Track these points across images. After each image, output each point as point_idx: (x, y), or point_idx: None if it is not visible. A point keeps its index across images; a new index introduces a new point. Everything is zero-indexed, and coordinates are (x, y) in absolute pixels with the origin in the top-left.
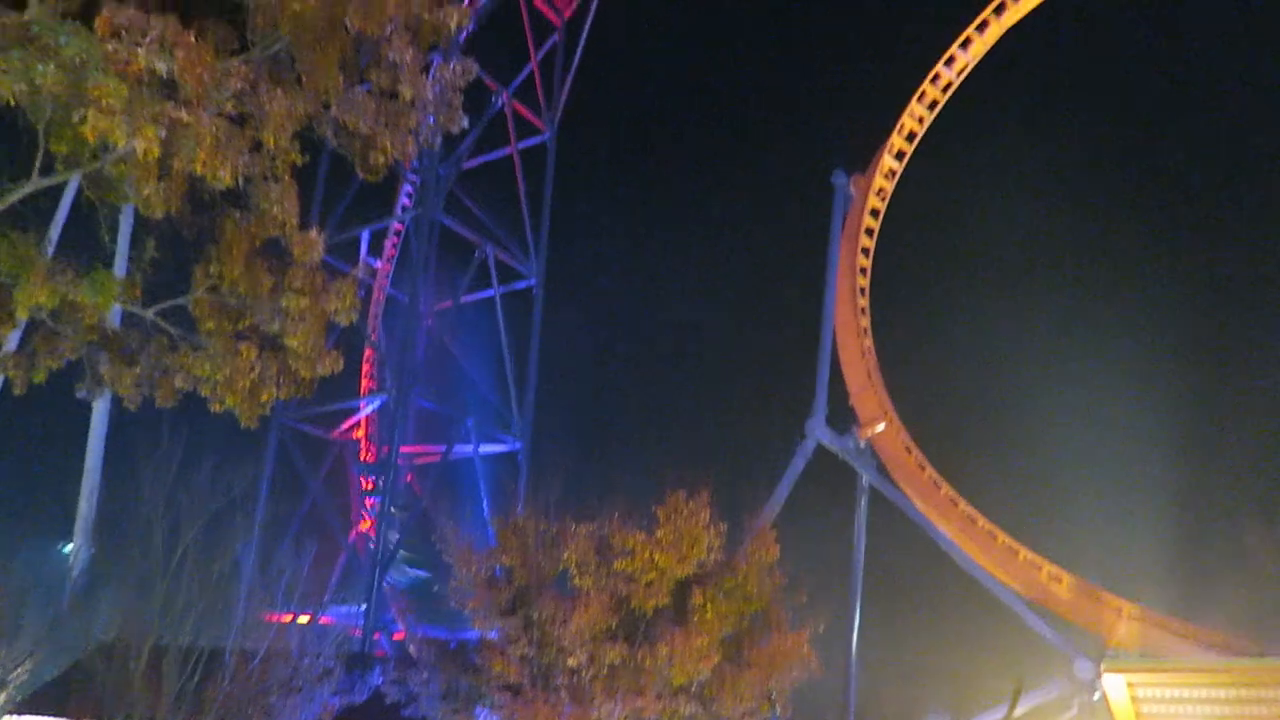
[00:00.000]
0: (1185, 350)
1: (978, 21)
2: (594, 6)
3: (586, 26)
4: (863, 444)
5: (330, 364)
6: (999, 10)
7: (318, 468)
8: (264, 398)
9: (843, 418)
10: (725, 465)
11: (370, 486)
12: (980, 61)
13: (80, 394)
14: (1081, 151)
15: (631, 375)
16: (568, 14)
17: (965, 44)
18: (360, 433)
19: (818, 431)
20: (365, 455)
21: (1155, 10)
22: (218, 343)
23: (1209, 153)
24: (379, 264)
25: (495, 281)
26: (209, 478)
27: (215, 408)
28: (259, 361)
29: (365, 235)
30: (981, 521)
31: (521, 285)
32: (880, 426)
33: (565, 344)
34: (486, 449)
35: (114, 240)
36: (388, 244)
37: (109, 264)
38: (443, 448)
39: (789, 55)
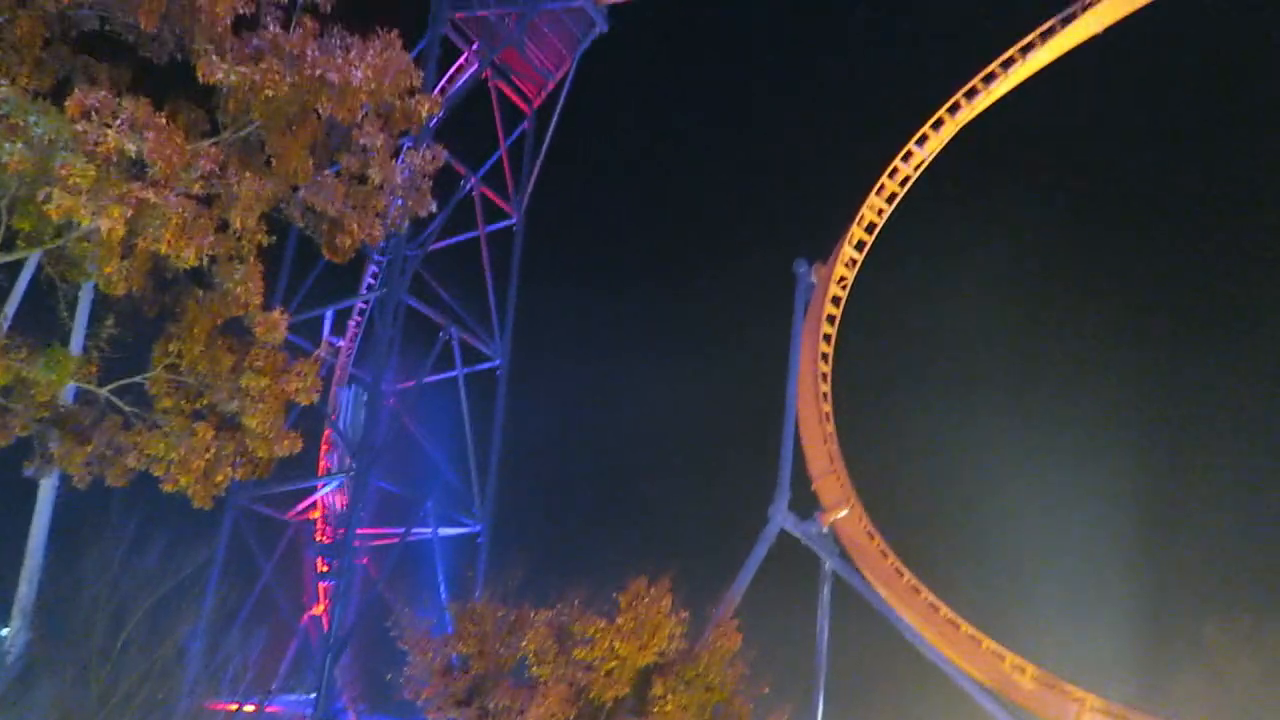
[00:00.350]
0: (1144, 443)
1: (934, 119)
2: (563, 96)
3: (556, 115)
4: (825, 530)
5: (289, 445)
6: (953, 109)
7: (271, 549)
8: (219, 478)
9: (806, 503)
10: (688, 551)
11: (325, 569)
12: (936, 156)
13: (28, 472)
14: (1036, 244)
15: (595, 459)
16: (537, 103)
17: (921, 140)
18: (317, 514)
19: (780, 517)
20: (321, 536)
21: (1113, 108)
22: (174, 422)
23: (1166, 250)
24: (342, 343)
25: (459, 363)
26: (158, 559)
27: (168, 487)
28: (216, 441)
29: (329, 314)
30: (944, 610)
31: (486, 366)
32: (843, 512)
33: (529, 426)
34: (446, 532)
35: (72, 316)
36: (351, 323)
37: (65, 340)
38: (401, 530)
39: (754, 144)
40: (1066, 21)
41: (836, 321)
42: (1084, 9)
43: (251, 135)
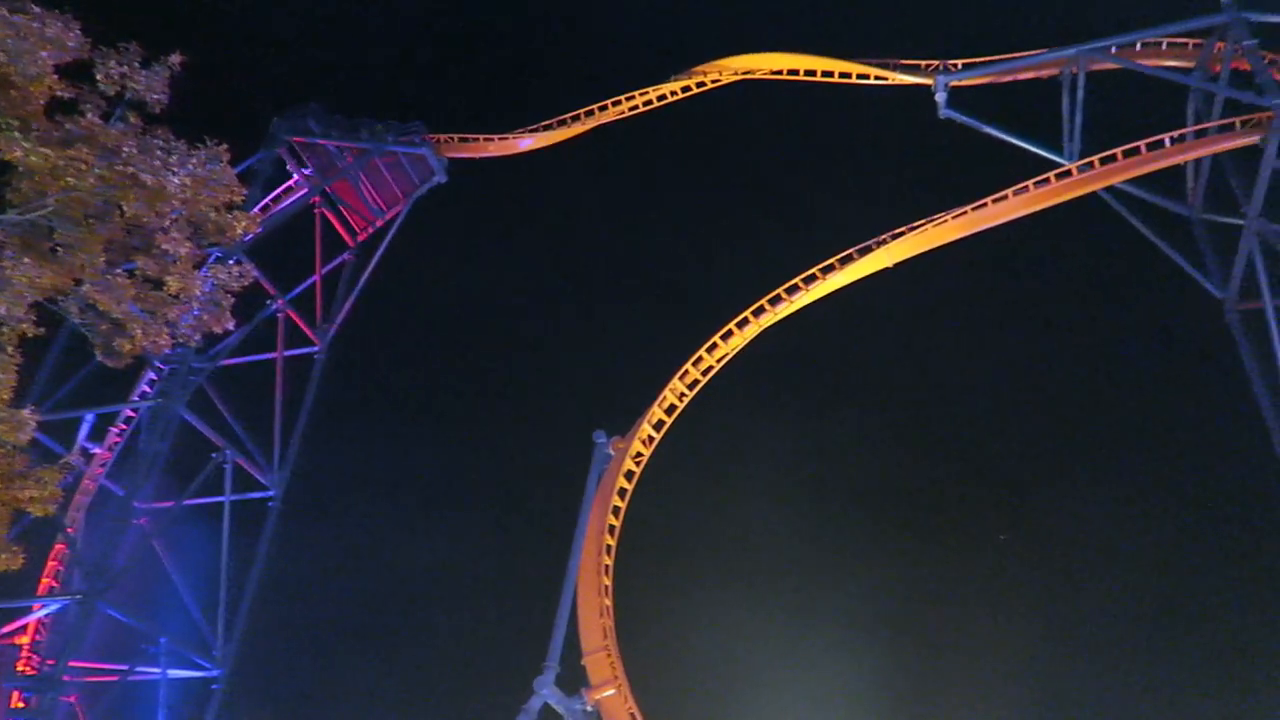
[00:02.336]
0: (898, 641)
1: (739, 318)
2: (389, 236)
3: (378, 253)
4: (590, 707)
5: (5, 561)
6: (758, 312)
7: None
8: None
9: (575, 678)
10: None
11: (23, 704)
12: (739, 353)
13: None
14: (817, 447)
15: (361, 611)
16: (362, 237)
17: (727, 335)
18: (25, 639)
19: (545, 690)
20: (25, 666)
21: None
22: None
23: (924, 461)
24: (98, 450)
25: (229, 488)
26: None
27: None
28: None
29: (90, 418)
30: None
31: (258, 496)
32: (610, 691)
33: (295, 568)
34: (177, 673)
35: None
36: (114, 430)
37: None
38: (124, 668)
39: (571, 314)
40: (863, 253)
41: (628, 496)
42: (878, 244)
43: (41, 220)
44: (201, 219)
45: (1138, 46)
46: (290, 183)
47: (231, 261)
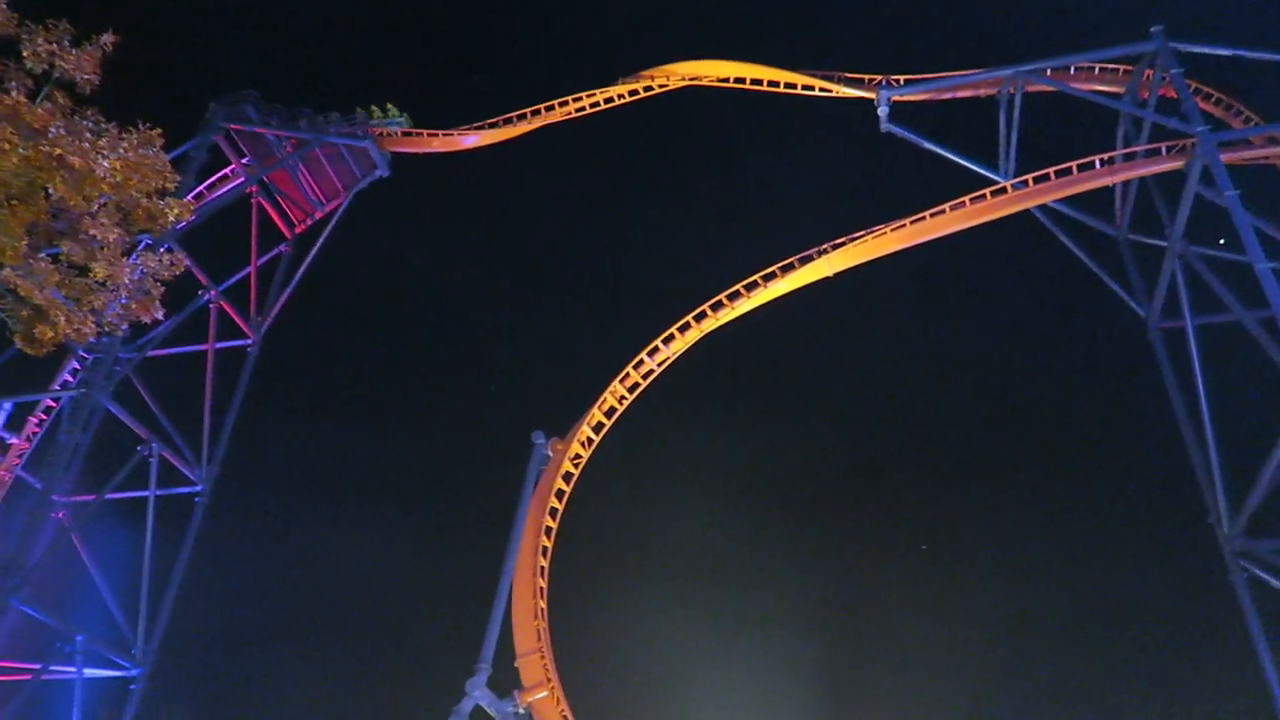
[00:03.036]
0: (827, 648)
1: (681, 323)
2: (329, 228)
3: (315, 248)
4: (522, 710)
5: None
6: (699, 317)
7: None
8: None
9: (508, 679)
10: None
11: None
12: (680, 357)
13: None
14: (754, 454)
15: (291, 610)
16: (300, 229)
17: (668, 339)
18: None
19: (477, 692)
20: None
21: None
22: None
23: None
24: (15, 440)
25: (154, 483)
26: None
27: None
28: None
29: (8, 406)
30: None
31: (185, 491)
32: (542, 694)
33: (222, 564)
34: (94, 673)
35: None
36: (33, 420)
37: None
38: (37, 667)
39: (514, 312)
40: (804, 261)
41: (565, 498)
42: (819, 254)
43: None
44: (132, 204)
45: (1072, 70)
46: (226, 171)
47: (162, 249)
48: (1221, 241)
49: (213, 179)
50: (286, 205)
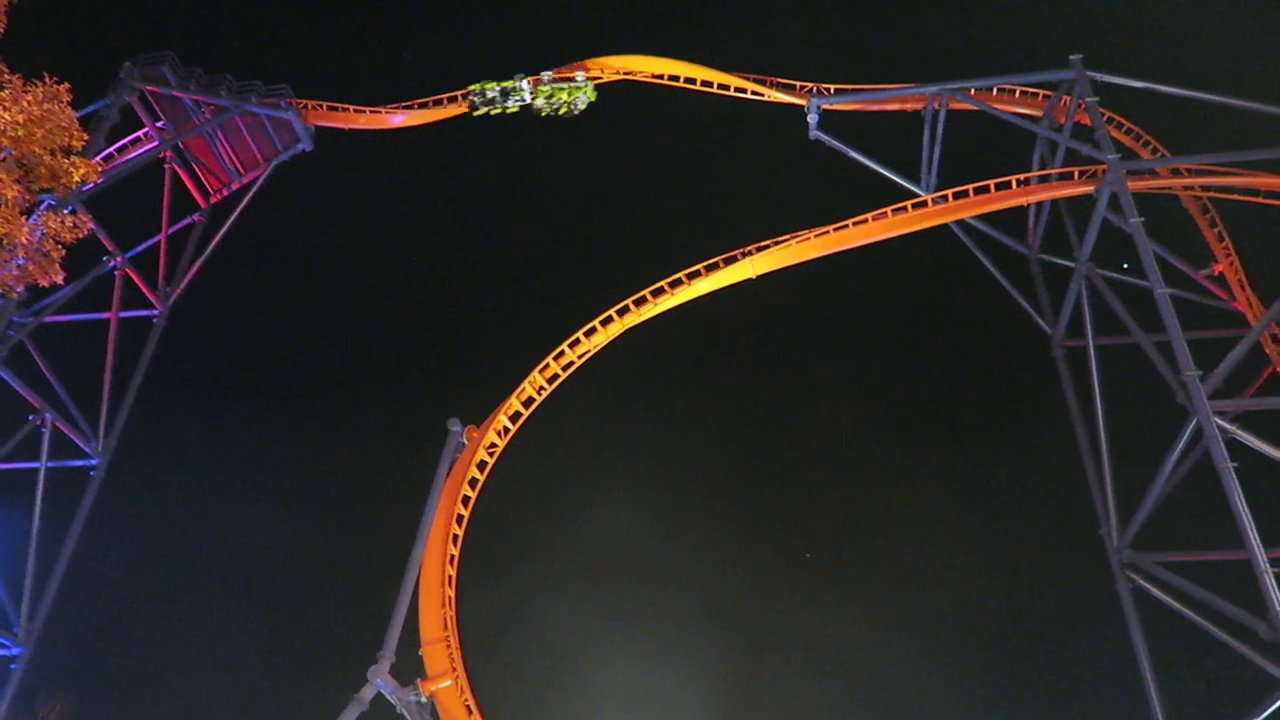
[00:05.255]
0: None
1: (603, 316)
2: (246, 200)
3: (231, 219)
4: (425, 699)
5: None
6: (622, 312)
7: None
8: None
9: (414, 669)
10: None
11: None
12: (602, 350)
13: None
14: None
15: (187, 592)
16: (216, 199)
17: (590, 332)
18: None
19: (379, 680)
20: None
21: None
22: None
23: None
24: None
25: (46, 454)
26: None
27: None
28: None
29: None
30: None
31: (78, 464)
32: (446, 683)
33: (116, 542)
34: None
35: None
36: None
37: None
38: None
39: (436, 294)
40: (729, 262)
41: (479, 486)
42: (744, 255)
43: None
44: (34, 161)
45: (994, 91)
46: (139, 134)
47: (66, 211)
48: (1125, 266)
49: (124, 141)
50: (202, 174)
